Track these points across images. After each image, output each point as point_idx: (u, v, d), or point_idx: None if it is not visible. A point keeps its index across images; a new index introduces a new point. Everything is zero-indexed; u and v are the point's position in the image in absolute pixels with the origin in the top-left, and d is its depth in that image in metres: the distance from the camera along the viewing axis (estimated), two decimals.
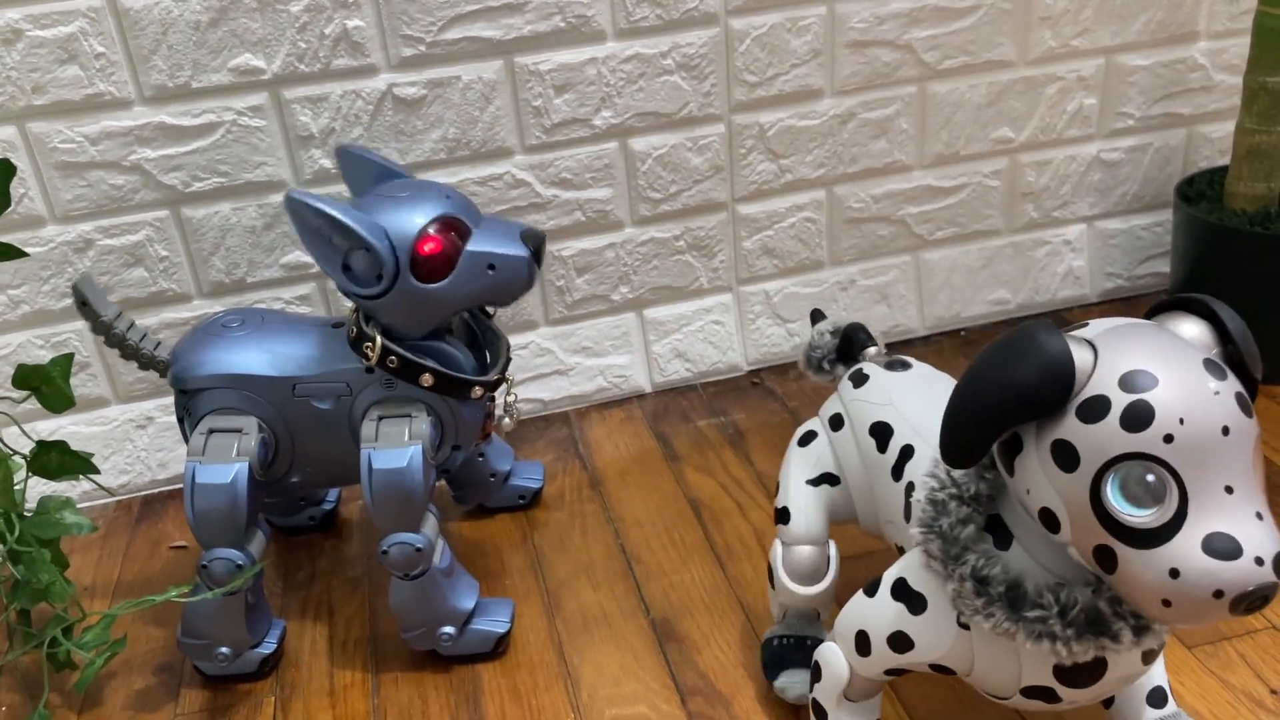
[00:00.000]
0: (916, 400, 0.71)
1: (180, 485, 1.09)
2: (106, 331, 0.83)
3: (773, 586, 0.78)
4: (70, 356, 0.81)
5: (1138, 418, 0.47)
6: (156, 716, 0.85)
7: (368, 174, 0.84)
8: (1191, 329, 0.53)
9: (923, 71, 1.15)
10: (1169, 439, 0.47)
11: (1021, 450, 0.52)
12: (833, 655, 0.67)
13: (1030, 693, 0.58)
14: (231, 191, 1.03)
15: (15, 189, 0.98)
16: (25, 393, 0.80)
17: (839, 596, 0.74)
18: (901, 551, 0.69)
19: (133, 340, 0.84)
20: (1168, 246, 1.28)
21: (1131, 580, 0.48)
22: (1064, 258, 1.28)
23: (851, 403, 0.75)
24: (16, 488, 0.74)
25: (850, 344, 0.81)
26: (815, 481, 0.76)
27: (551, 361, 1.18)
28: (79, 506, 0.84)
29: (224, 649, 0.84)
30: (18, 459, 0.76)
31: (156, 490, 1.12)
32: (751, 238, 1.19)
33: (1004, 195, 1.23)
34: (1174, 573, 0.47)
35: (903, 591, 0.62)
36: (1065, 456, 0.49)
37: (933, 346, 1.26)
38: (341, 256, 0.77)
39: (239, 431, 0.82)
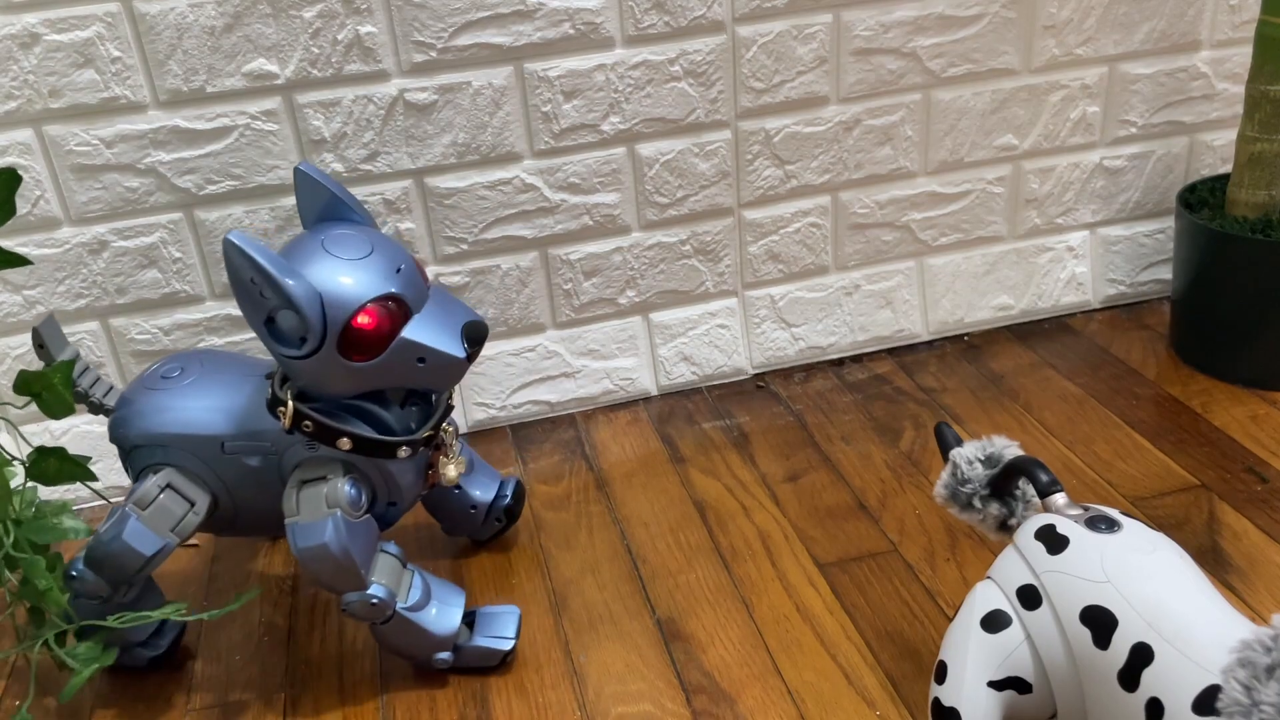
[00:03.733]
0: (1143, 579, 0.57)
1: None
2: None
3: None
4: (71, 364, 0.81)
5: None
6: (169, 713, 0.86)
7: (319, 202, 0.79)
8: None
9: (927, 79, 1.16)
10: None
11: None
12: None
13: None
14: (245, 195, 1.05)
15: (31, 191, 1.00)
16: (26, 399, 0.81)
17: None
18: None
19: (83, 386, 0.83)
20: (1169, 253, 1.29)
21: None
22: (1067, 264, 1.29)
23: (1050, 575, 0.60)
24: (15, 492, 0.75)
25: (1010, 479, 0.67)
26: (1000, 685, 0.61)
27: (559, 364, 1.20)
28: (80, 509, 0.84)
29: None
30: (16, 465, 0.77)
31: None
32: (757, 243, 1.20)
33: (1007, 202, 1.24)
34: None
35: None
36: None
37: (936, 351, 1.27)
38: (267, 311, 0.73)
39: (191, 505, 0.80)
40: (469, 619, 0.86)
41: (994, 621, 0.61)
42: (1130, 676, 0.54)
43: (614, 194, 1.13)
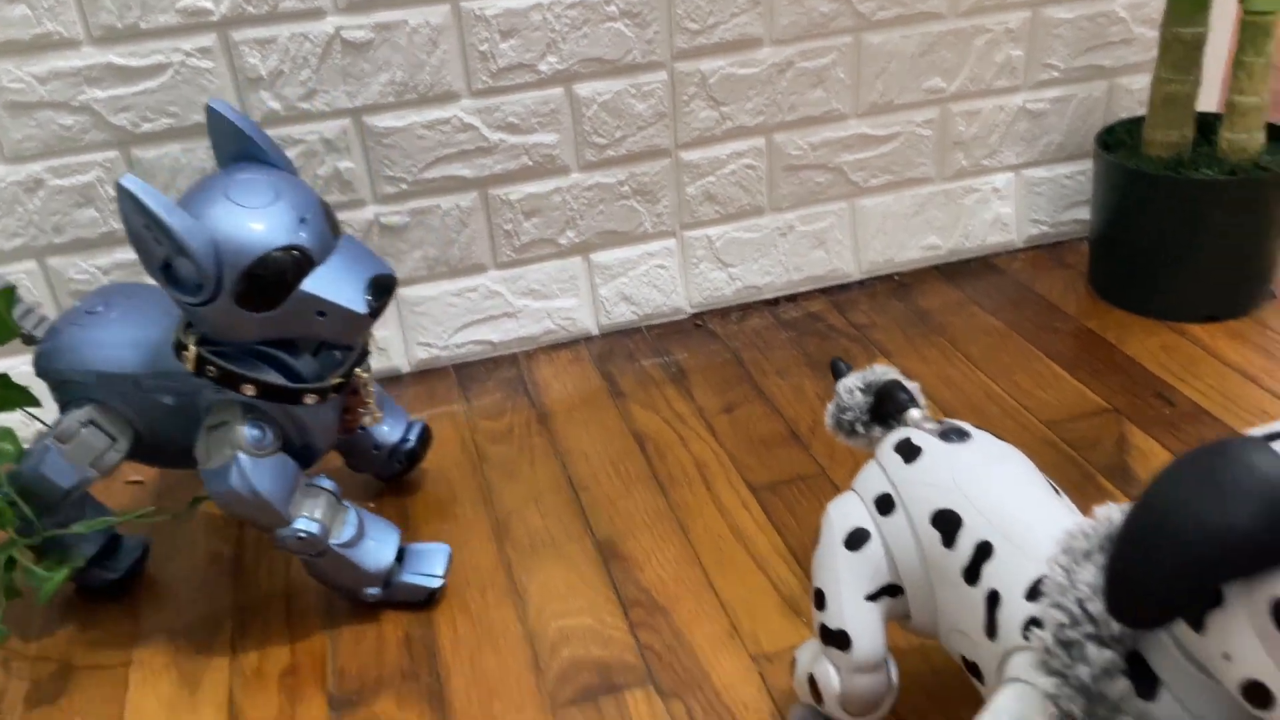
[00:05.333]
0: (987, 483, 0.60)
1: None
2: None
3: (817, 702, 0.68)
4: (13, 289, 0.82)
5: None
6: (116, 637, 0.88)
7: (232, 140, 0.78)
8: None
9: (858, 22, 1.19)
10: None
11: (1220, 605, 0.41)
12: None
13: None
14: (182, 133, 1.05)
15: None
16: None
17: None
18: (971, 668, 0.59)
19: (15, 316, 0.84)
20: (1090, 194, 1.34)
21: None
22: (992, 205, 1.33)
23: (904, 484, 0.63)
24: None
25: (886, 402, 0.70)
26: (875, 596, 0.63)
27: (501, 304, 1.22)
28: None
29: None
30: None
31: None
32: (694, 184, 1.22)
33: (935, 144, 1.28)
34: None
35: None
36: None
37: (867, 290, 1.31)
38: (163, 257, 0.72)
39: (112, 441, 0.81)
40: (399, 555, 0.87)
41: (856, 540, 0.64)
42: (973, 572, 0.57)
43: (552, 134, 1.15)
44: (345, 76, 1.06)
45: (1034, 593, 0.54)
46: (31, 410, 0.85)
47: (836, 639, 0.64)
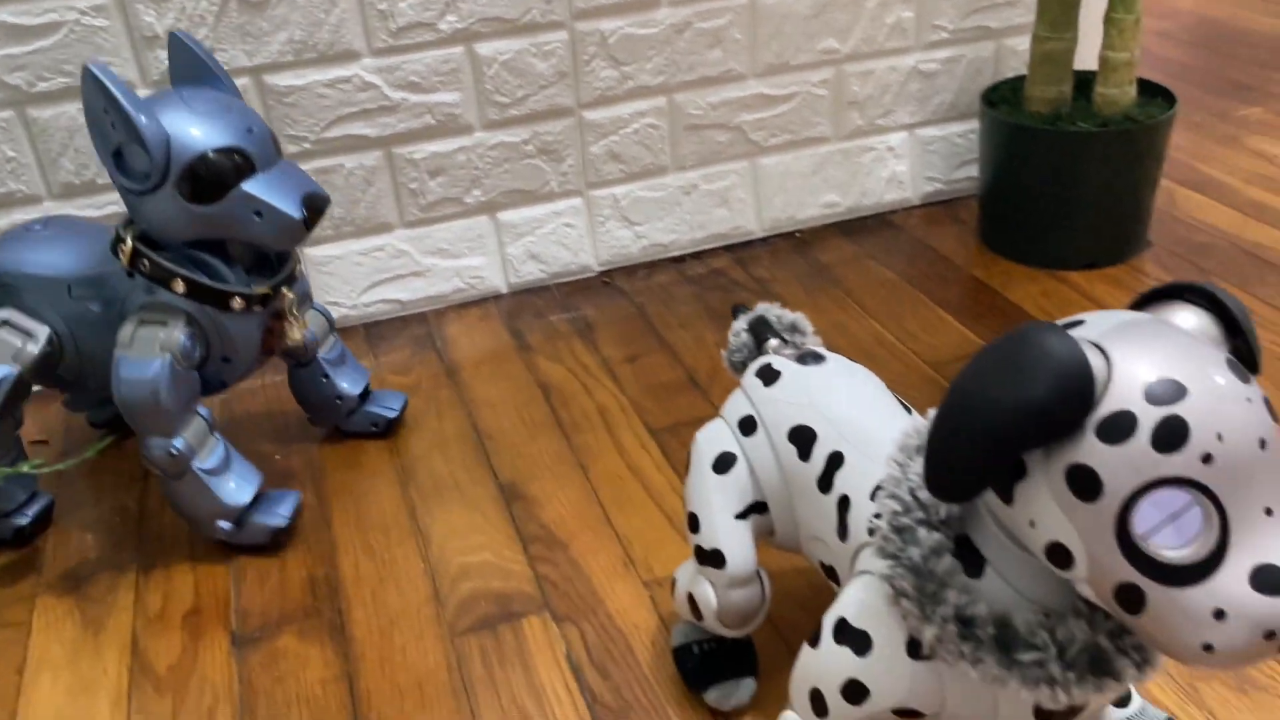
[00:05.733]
0: (839, 398, 0.64)
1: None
2: None
3: (697, 619, 0.71)
4: None
5: (1171, 436, 0.40)
6: (20, 586, 0.88)
7: (191, 68, 0.83)
8: (1191, 320, 0.46)
9: None
10: (1207, 459, 0.40)
11: (1024, 476, 0.45)
12: None
13: None
14: (78, 92, 1.05)
15: None
16: None
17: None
18: (829, 572, 0.63)
19: None
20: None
21: (1163, 623, 0.42)
22: (888, 163, 1.38)
23: (764, 404, 0.66)
24: None
25: (756, 336, 0.73)
26: (744, 514, 0.66)
27: (408, 263, 1.23)
28: None
29: None
30: None
31: None
32: (598, 143, 1.25)
33: (831, 104, 1.32)
34: (1219, 614, 0.41)
35: (844, 632, 0.55)
36: (1084, 484, 0.42)
37: (770, 247, 1.35)
38: (116, 143, 0.77)
39: (28, 335, 0.85)
40: (254, 500, 0.89)
41: (723, 463, 0.67)
42: (826, 480, 0.61)
43: (454, 93, 1.17)
44: (244, 35, 1.07)
45: (875, 494, 0.57)
46: None
47: (711, 558, 0.67)
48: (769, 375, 0.68)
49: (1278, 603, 0.40)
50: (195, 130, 0.78)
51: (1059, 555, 0.45)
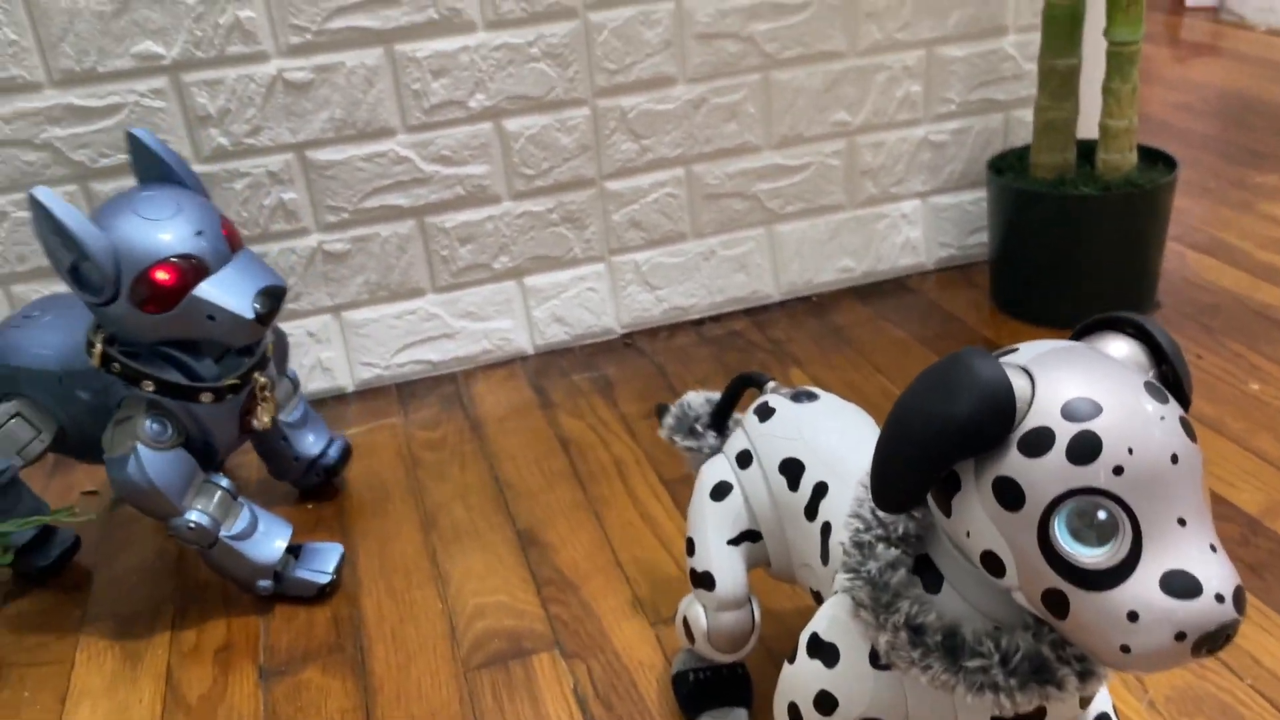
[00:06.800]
0: (827, 433, 0.68)
1: None
2: None
3: (690, 642, 0.75)
4: None
5: (1084, 449, 0.44)
6: (64, 622, 0.94)
7: (151, 165, 0.87)
8: (1122, 349, 0.50)
9: (765, 61, 1.29)
10: (1118, 471, 0.44)
11: (959, 489, 0.48)
12: None
13: None
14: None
15: None
16: None
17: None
18: (817, 598, 0.66)
19: None
20: None
21: (1085, 626, 0.45)
22: (901, 229, 1.43)
23: (759, 438, 0.71)
24: None
25: (738, 392, 0.78)
26: (736, 540, 0.71)
27: (439, 326, 1.30)
28: None
29: None
30: None
31: None
32: (619, 211, 1.32)
33: (844, 173, 1.38)
34: (1132, 616, 0.44)
35: (816, 646, 0.58)
36: (1009, 495, 0.46)
37: (786, 310, 1.40)
38: (70, 261, 0.80)
39: (37, 432, 0.89)
40: (296, 551, 0.94)
41: (720, 491, 0.71)
42: (812, 509, 0.65)
43: (484, 166, 1.24)
44: (288, 114, 1.16)
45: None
46: None
47: (703, 580, 0.71)
48: (765, 412, 0.72)
49: (1185, 605, 0.43)
50: (143, 239, 0.80)
51: (992, 563, 0.48)
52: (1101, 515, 0.44)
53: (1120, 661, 0.45)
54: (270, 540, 0.91)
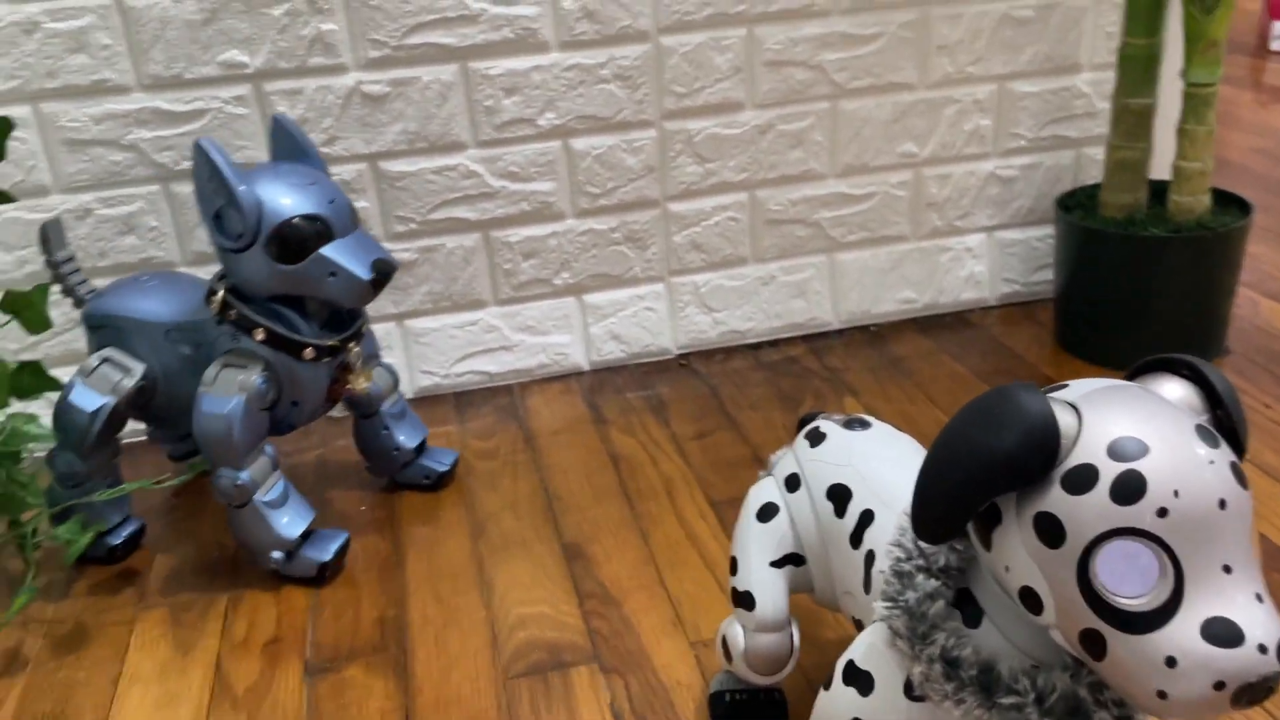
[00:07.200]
0: (877, 461, 0.68)
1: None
2: (55, 267, 1.00)
3: (728, 662, 0.74)
4: (48, 286, 0.95)
5: (1128, 489, 0.44)
6: (122, 609, 0.97)
7: (289, 146, 0.95)
8: (1176, 391, 0.49)
9: (833, 90, 1.30)
10: (1163, 513, 0.43)
11: (1000, 523, 0.48)
12: None
13: None
14: None
15: (25, 161, 1.13)
16: (8, 317, 0.93)
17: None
18: (859, 626, 0.66)
19: (73, 281, 1.01)
20: None
21: (1122, 669, 0.45)
22: (965, 263, 1.42)
23: (808, 463, 0.71)
24: None
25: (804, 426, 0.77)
26: (779, 563, 0.71)
27: (499, 338, 1.32)
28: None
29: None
30: None
31: None
32: (681, 233, 1.33)
33: (910, 204, 1.38)
34: (1170, 661, 0.43)
35: (852, 674, 0.58)
36: (1050, 531, 0.45)
37: (844, 339, 1.39)
38: (217, 207, 0.89)
39: (126, 371, 0.96)
40: (306, 536, 0.98)
41: (766, 513, 0.72)
42: (857, 536, 0.65)
43: (550, 183, 1.26)
44: (363, 125, 1.19)
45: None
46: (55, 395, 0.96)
47: (743, 600, 0.71)
48: (816, 437, 0.73)
49: (1226, 654, 0.42)
50: (284, 199, 0.89)
51: (1031, 599, 0.48)
52: (1143, 557, 0.43)
53: (1157, 708, 0.44)
54: (295, 516, 0.97)
